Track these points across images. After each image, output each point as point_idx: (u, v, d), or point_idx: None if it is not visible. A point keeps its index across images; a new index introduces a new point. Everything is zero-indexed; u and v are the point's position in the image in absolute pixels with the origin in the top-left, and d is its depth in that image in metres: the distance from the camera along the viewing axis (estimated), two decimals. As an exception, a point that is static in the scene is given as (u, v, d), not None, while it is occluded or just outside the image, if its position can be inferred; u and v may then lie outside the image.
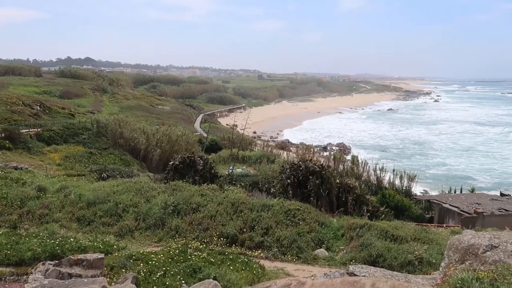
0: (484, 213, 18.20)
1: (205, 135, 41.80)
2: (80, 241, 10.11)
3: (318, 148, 46.73)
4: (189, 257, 9.23)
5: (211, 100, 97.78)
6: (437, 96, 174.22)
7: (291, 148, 43.43)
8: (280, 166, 17.62)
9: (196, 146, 33.78)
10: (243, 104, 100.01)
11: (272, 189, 16.12)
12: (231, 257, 9.72)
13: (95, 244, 10.07)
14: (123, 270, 8.11)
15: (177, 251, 9.65)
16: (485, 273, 5.27)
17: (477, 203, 20.19)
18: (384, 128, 73.33)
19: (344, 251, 10.99)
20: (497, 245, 6.20)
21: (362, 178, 26.07)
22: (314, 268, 10.04)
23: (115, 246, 10.27)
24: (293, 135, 62.20)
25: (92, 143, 30.20)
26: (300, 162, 15.86)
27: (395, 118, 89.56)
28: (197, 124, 58.30)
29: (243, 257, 9.98)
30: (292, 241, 11.10)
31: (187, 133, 35.76)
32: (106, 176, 19.85)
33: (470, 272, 5.59)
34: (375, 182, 25.75)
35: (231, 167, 25.15)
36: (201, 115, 68.45)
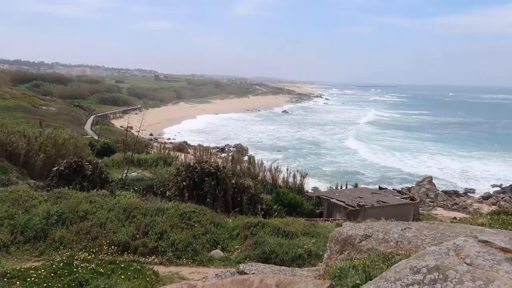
0: (366, 206, 20.03)
1: (96, 137, 39.24)
2: None
3: (216, 150, 47.05)
4: (75, 269, 8.55)
5: (103, 100, 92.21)
6: (326, 99, 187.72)
7: (189, 150, 43.01)
8: (176, 168, 17.31)
9: (86, 150, 31.48)
10: (139, 105, 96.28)
11: (167, 192, 15.77)
12: (122, 265, 9.25)
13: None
14: (-6, 291, 7.22)
15: (61, 264, 8.87)
16: (360, 260, 5.78)
17: (360, 197, 22.15)
18: (280, 129, 76.58)
19: (239, 250, 11.20)
20: (370, 235, 6.84)
21: (259, 178, 26.84)
22: (209, 269, 10.04)
23: (-17, 266, 9.07)
24: (191, 137, 61.70)
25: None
26: (196, 164, 15.78)
27: (290, 120, 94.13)
28: (87, 126, 54.45)
29: (135, 265, 9.58)
30: (187, 244, 10.96)
31: (75, 136, 33.13)
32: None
33: (347, 261, 6.07)
34: (271, 181, 26.71)
35: (125, 171, 24.01)
36: (92, 117, 64.11)
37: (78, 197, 12.90)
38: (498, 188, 38.69)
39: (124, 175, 22.33)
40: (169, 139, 58.29)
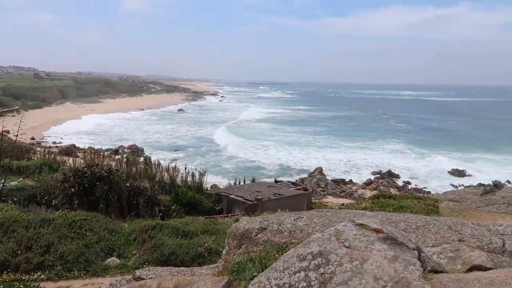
0: (263, 199, 20.73)
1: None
2: None
3: (109, 152, 44.55)
4: None
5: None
6: (222, 96, 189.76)
7: (78, 154, 40.02)
8: (62, 174, 15.97)
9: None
10: (16, 107, 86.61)
11: (54, 201, 14.48)
12: (1, 286, 8.30)
13: None
14: None
15: None
16: (256, 253, 5.98)
17: (257, 191, 22.83)
18: (178, 128, 75.33)
19: (137, 255, 10.79)
20: (266, 227, 7.11)
21: (156, 179, 26.10)
22: (105, 279, 9.50)
23: None
24: (80, 139, 57.49)
25: None
26: (86, 168, 14.76)
27: (187, 118, 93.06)
28: (-48, 132, 47.37)
29: (18, 284, 8.66)
30: (78, 254, 10.22)
31: None
32: None
33: (245, 255, 6.23)
34: (169, 182, 26.17)
35: (2, 181, 21.45)
36: (-43, 121, 55.91)
37: None
38: (378, 175, 43.03)
39: (1, 185, 19.95)
40: (54, 142, 53.55)
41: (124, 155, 35.35)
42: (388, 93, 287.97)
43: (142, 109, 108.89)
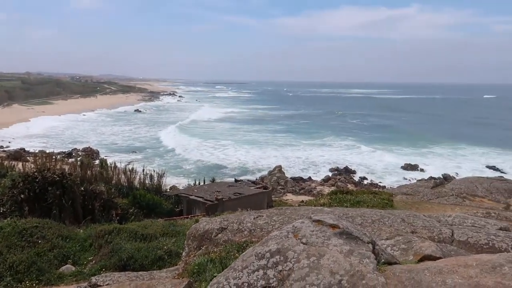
0: (223, 199, 20.68)
1: None
2: None
3: (62, 155, 42.81)
4: None
5: None
6: (180, 96, 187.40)
7: (28, 158, 38.14)
8: (11, 180, 15.15)
9: None
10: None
11: (1, 208, 13.71)
12: None
13: None
14: None
15: None
16: (217, 253, 5.95)
17: (217, 191, 22.74)
18: (135, 129, 73.61)
19: (93, 261, 10.43)
20: (226, 227, 7.10)
21: (113, 182, 25.38)
22: (59, 287, 9.13)
23: None
24: (30, 143, 54.85)
25: None
26: (36, 173, 14.07)
27: (144, 119, 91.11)
28: None
29: (-37, 298, 8.14)
30: (30, 264, 9.72)
31: None
32: None
33: (205, 256, 6.19)
34: (126, 184, 25.53)
35: None
36: None
37: None
38: (336, 171, 44.10)
39: None
40: (1, 147, 50.83)
41: (78, 158, 34.06)
42: (341, 91, 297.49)
43: (97, 110, 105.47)
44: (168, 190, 27.53)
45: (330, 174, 42.84)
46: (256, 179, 36.17)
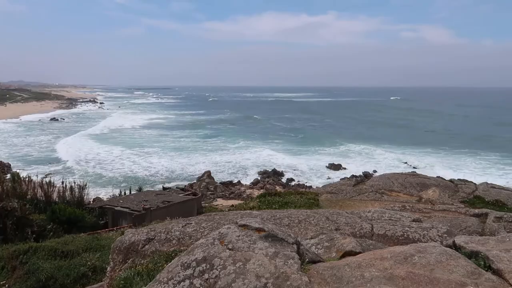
0: (151, 208, 20.08)
1: None
2: None
3: (-33, 171, 38.67)
4: None
5: None
6: (101, 103, 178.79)
7: None
8: None
9: None
10: None
11: None
12: None
13: None
14: None
15: None
16: (144, 266, 5.75)
17: (144, 200, 22.01)
18: (53, 139, 68.76)
19: (7, 286, 9.55)
20: (153, 237, 6.89)
21: (28, 197, 23.54)
22: (-34, 318, 8.22)
23: None
24: None
25: None
26: None
27: (62, 128, 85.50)
28: None
29: None
30: None
31: None
32: None
33: (132, 269, 5.95)
34: (43, 199, 23.80)
35: None
36: None
37: None
38: (264, 174, 44.86)
39: None
40: None
41: (-14, 173, 31.04)
42: (263, 95, 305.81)
43: (6, 119, 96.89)
44: (91, 202, 26.12)
45: (259, 177, 43.47)
46: (185, 186, 35.56)
